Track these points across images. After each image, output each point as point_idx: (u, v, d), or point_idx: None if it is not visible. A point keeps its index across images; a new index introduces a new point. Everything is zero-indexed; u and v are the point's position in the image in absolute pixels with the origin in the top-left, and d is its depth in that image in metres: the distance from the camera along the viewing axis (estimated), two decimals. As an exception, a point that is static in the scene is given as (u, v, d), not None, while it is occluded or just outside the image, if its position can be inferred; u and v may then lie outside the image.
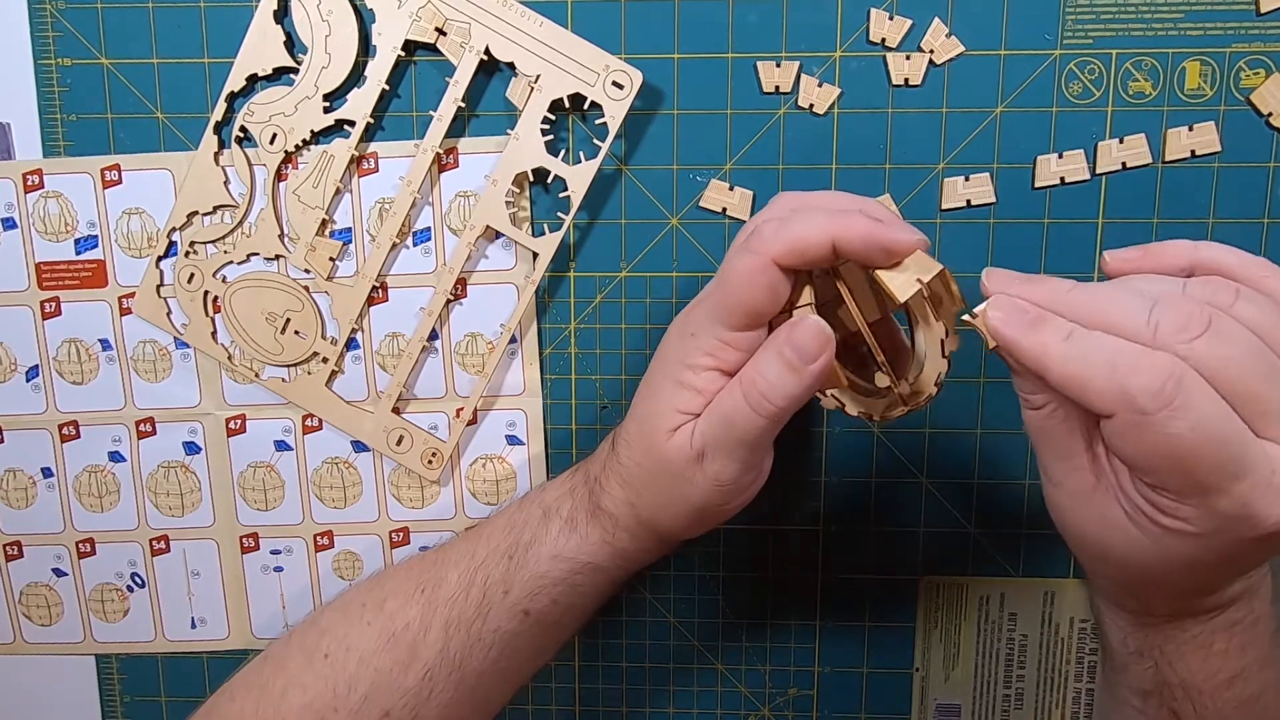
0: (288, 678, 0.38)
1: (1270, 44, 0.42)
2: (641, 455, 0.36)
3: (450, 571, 0.39)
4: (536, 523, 0.39)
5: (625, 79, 0.42)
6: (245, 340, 0.46)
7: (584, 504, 0.39)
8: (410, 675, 0.37)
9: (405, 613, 0.38)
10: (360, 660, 0.38)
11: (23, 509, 0.48)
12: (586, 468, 0.40)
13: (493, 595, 0.38)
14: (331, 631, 0.39)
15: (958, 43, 0.43)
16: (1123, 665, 0.36)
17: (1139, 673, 0.35)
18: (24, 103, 0.45)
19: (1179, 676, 0.33)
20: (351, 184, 0.45)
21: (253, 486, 0.48)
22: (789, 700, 0.49)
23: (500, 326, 0.46)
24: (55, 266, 0.46)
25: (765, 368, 0.33)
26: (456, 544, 0.40)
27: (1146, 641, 0.34)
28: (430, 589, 0.38)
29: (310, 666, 0.38)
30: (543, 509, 0.39)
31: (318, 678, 0.38)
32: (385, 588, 0.39)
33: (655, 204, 0.45)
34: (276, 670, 0.39)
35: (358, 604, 0.39)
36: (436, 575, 0.39)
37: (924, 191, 0.44)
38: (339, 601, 0.40)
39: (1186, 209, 0.43)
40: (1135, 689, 0.35)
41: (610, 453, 0.38)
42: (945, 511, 0.47)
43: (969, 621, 0.48)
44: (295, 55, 0.44)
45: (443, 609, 0.38)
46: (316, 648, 0.38)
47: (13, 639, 0.50)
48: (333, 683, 0.37)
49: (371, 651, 0.38)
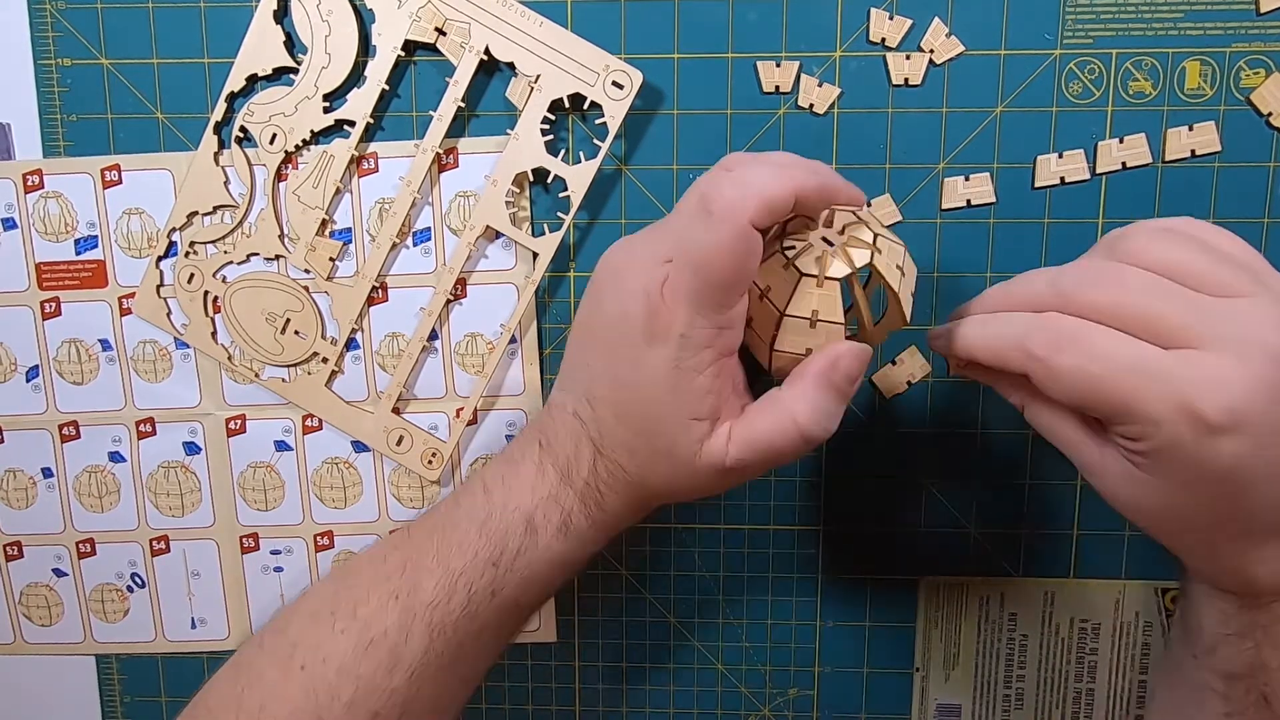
0: (265, 691, 0.37)
1: (1270, 44, 0.42)
2: (653, 462, 0.36)
3: (424, 579, 0.37)
4: (521, 533, 0.37)
5: (625, 79, 0.42)
6: (245, 340, 0.46)
7: (578, 510, 0.37)
8: (395, 677, 0.36)
9: (381, 619, 0.37)
10: (339, 670, 0.36)
11: (23, 509, 0.48)
12: (565, 470, 0.37)
13: (479, 599, 0.37)
14: (303, 643, 0.37)
15: (958, 43, 0.43)
16: (1211, 647, 0.35)
17: (1231, 655, 0.35)
18: (24, 103, 0.45)
19: (1279, 659, 0.34)
20: (351, 184, 0.45)
21: (253, 486, 0.48)
22: (789, 700, 0.49)
23: (500, 326, 0.46)
24: (55, 267, 0.46)
25: (821, 402, 0.34)
26: (420, 547, 0.38)
27: (1252, 622, 0.34)
28: (405, 595, 0.37)
29: (287, 679, 0.37)
30: (524, 518, 0.37)
31: (297, 690, 0.36)
32: (353, 594, 0.38)
33: (655, 204, 0.45)
34: (252, 682, 0.37)
35: (326, 612, 0.38)
36: (410, 581, 0.37)
37: (924, 191, 0.44)
38: (305, 608, 0.39)
39: (1186, 209, 0.43)
40: (1222, 672, 0.35)
41: (598, 457, 0.37)
42: (945, 511, 0.47)
43: (969, 621, 0.48)
44: (295, 55, 0.44)
45: (423, 613, 0.37)
46: (290, 660, 0.37)
47: (13, 639, 0.50)
48: (313, 694, 0.36)
49: (350, 661, 0.36)
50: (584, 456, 0.37)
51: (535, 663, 0.49)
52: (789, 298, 0.34)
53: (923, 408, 0.46)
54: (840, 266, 0.34)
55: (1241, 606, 0.34)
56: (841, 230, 0.35)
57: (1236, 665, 0.34)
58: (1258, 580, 0.33)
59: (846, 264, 0.34)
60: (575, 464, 0.37)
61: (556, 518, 0.37)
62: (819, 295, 0.34)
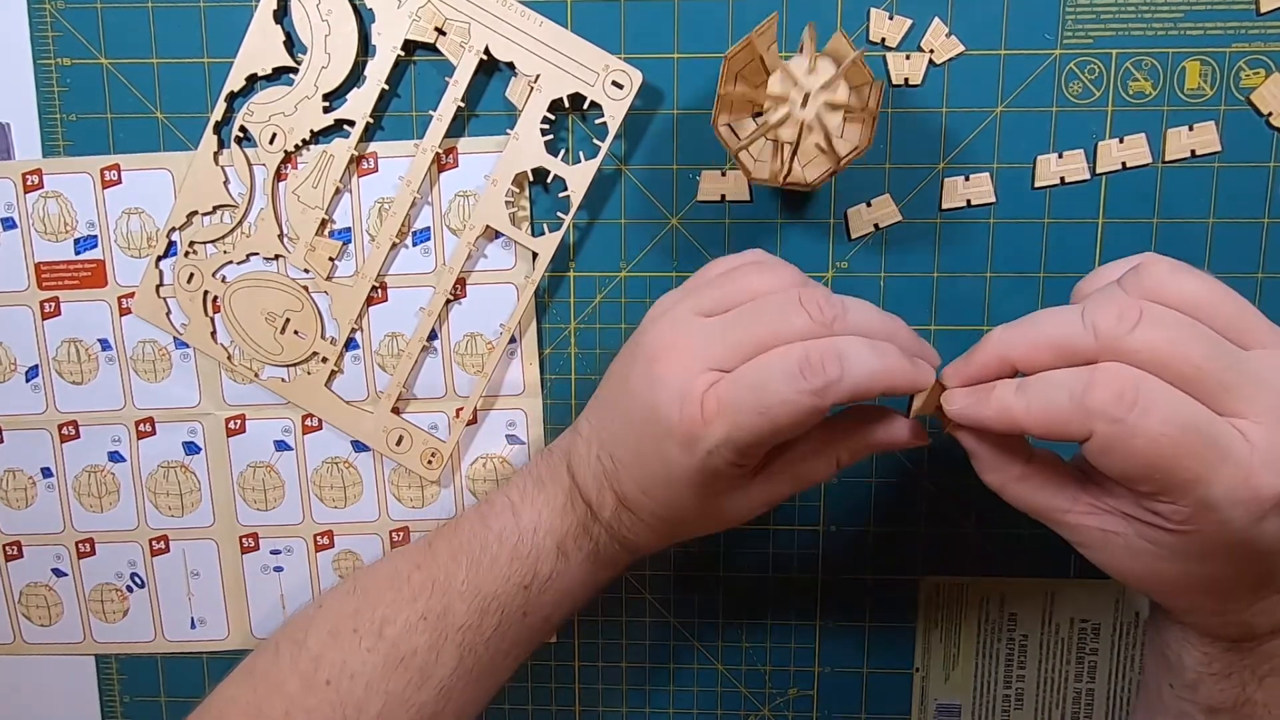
0: (288, 701, 0.37)
1: (1270, 44, 0.42)
2: (675, 512, 0.36)
3: (456, 602, 0.37)
4: (553, 558, 0.37)
5: (625, 79, 0.42)
6: (245, 340, 0.46)
7: (605, 541, 0.38)
8: (425, 692, 0.37)
9: (411, 640, 0.37)
10: (368, 686, 0.36)
11: (22, 509, 0.48)
12: (587, 498, 0.38)
13: (510, 619, 0.37)
14: (326, 658, 0.37)
15: (958, 42, 0.43)
16: (1193, 684, 0.34)
17: (1214, 692, 0.34)
18: (24, 103, 0.45)
19: (1266, 694, 0.33)
20: (351, 184, 0.45)
21: (252, 486, 0.48)
22: (789, 700, 0.49)
23: (500, 326, 0.46)
24: (55, 266, 0.46)
25: (859, 449, 0.35)
26: (449, 569, 0.38)
27: (1238, 663, 0.33)
28: (434, 617, 0.37)
29: (311, 692, 0.37)
30: (555, 542, 0.37)
31: (322, 702, 0.36)
32: (377, 613, 0.38)
33: (655, 204, 0.45)
34: (272, 692, 0.37)
35: (348, 630, 0.38)
36: (439, 604, 0.37)
37: (924, 191, 0.44)
38: (323, 624, 0.38)
39: (1186, 209, 0.43)
40: (1205, 705, 0.34)
41: (620, 509, 0.37)
42: (945, 511, 0.47)
43: (969, 621, 0.48)
44: (295, 55, 0.44)
45: (454, 635, 0.37)
46: (314, 674, 0.37)
47: (12, 639, 0.50)
48: (340, 707, 0.36)
49: (379, 677, 0.36)
50: (607, 502, 0.37)
51: (535, 663, 0.49)
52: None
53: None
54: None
55: (1227, 649, 0.33)
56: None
57: (1220, 700, 0.34)
58: (1254, 628, 0.32)
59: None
60: (599, 505, 0.37)
61: (587, 545, 0.38)
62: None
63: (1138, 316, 0.28)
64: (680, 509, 0.36)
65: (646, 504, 0.36)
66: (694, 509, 0.36)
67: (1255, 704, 0.33)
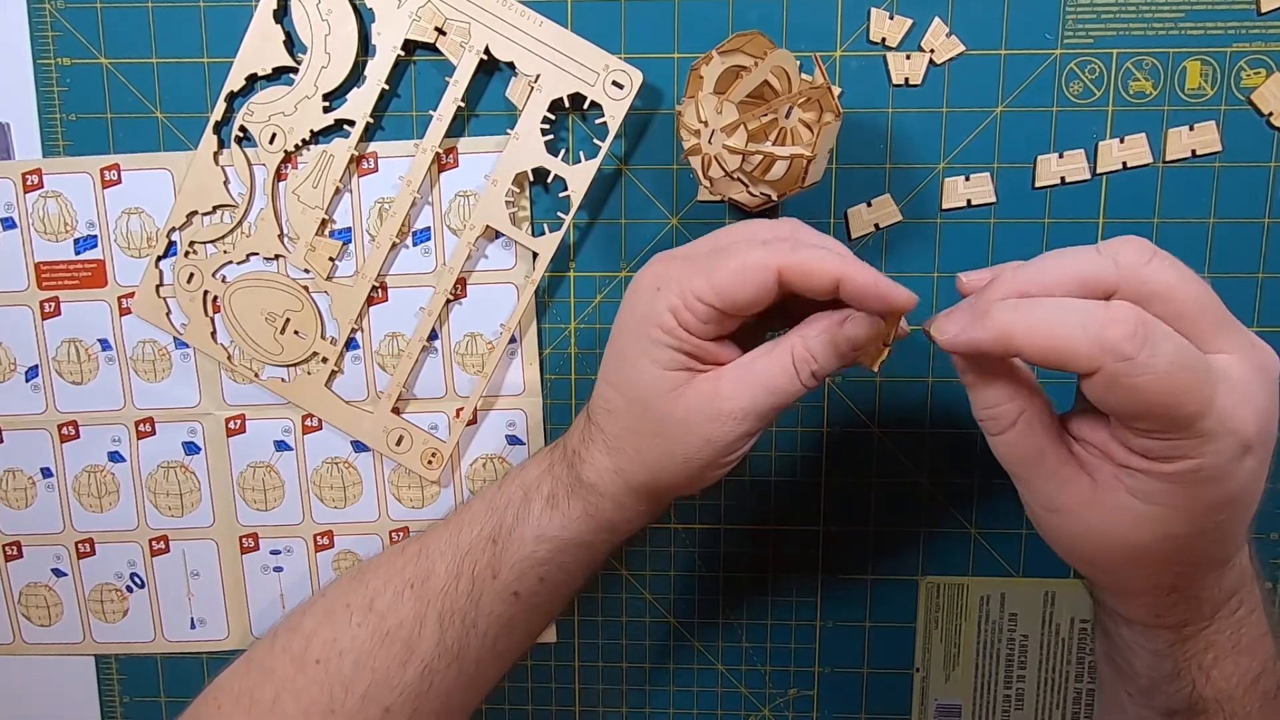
0: (278, 685, 0.38)
1: (1270, 44, 0.42)
2: (635, 420, 0.36)
3: (437, 563, 0.38)
4: (518, 504, 0.38)
5: (625, 79, 0.42)
6: (245, 340, 0.46)
7: (564, 479, 0.38)
8: (409, 670, 0.37)
9: (397, 611, 0.38)
10: (355, 663, 0.37)
11: (22, 509, 0.48)
12: (564, 443, 0.39)
13: (482, 582, 0.38)
14: (318, 636, 0.38)
15: (958, 42, 0.43)
16: (1150, 688, 0.35)
17: (1170, 694, 0.34)
18: (23, 103, 0.45)
19: (1214, 689, 0.33)
20: (351, 184, 0.45)
21: (252, 486, 0.48)
22: (789, 700, 0.49)
23: (500, 326, 0.46)
24: (55, 266, 0.46)
25: (820, 353, 0.34)
26: (438, 532, 0.40)
27: (1184, 658, 0.34)
28: (419, 584, 0.38)
29: (302, 672, 0.37)
30: (523, 489, 0.39)
31: (311, 682, 0.37)
32: (369, 587, 0.39)
33: (655, 204, 0.45)
34: (264, 678, 0.38)
35: (342, 605, 0.39)
36: (424, 568, 0.38)
37: (924, 191, 0.44)
38: (320, 605, 0.39)
39: (1187, 209, 0.43)
40: (1162, 709, 0.35)
41: (587, 424, 0.38)
42: (945, 511, 0.47)
43: (969, 621, 0.48)
44: (295, 55, 0.44)
45: (435, 602, 0.38)
46: (305, 654, 0.38)
47: (12, 639, 0.50)
48: (328, 687, 0.37)
49: (366, 653, 0.37)
50: (578, 424, 0.39)
51: (535, 663, 0.49)
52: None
53: (923, 408, 0.46)
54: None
55: (1173, 643, 0.34)
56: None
57: (1176, 703, 0.34)
58: (1201, 605, 0.33)
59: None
60: (570, 432, 0.39)
61: (546, 487, 0.38)
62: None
63: (1151, 254, 0.29)
64: (642, 404, 0.35)
65: (612, 398, 0.36)
66: (656, 413, 0.35)
67: (1207, 701, 0.34)
